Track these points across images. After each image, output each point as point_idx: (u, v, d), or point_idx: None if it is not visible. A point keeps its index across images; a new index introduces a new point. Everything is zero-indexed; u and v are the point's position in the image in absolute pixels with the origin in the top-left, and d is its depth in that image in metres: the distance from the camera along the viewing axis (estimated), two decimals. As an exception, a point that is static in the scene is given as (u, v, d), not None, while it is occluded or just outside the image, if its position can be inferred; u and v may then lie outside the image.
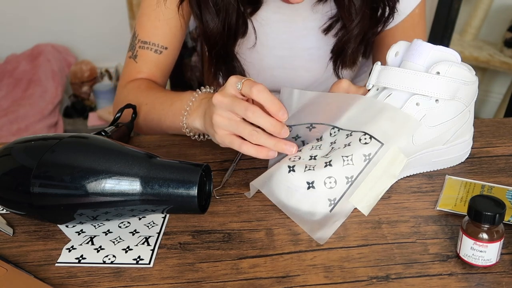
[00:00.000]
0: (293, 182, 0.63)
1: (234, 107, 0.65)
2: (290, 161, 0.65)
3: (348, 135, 0.65)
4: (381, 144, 0.63)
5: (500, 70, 2.10)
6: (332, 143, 0.66)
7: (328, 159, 0.64)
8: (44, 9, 2.56)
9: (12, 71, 2.50)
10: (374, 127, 0.65)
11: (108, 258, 0.60)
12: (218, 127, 0.68)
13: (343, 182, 0.62)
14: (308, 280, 0.56)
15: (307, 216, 0.62)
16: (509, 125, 0.83)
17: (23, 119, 2.27)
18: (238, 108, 0.65)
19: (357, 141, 0.64)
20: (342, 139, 0.66)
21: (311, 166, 0.63)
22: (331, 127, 0.68)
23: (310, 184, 0.62)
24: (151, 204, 0.59)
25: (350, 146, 0.64)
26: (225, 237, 0.62)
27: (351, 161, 0.63)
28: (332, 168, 0.63)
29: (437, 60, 0.65)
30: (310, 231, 0.61)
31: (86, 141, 0.62)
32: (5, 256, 0.60)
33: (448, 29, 1.68)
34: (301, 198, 0.63)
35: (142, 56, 0.91)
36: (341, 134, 0.67)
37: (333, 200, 0.62)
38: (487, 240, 0.54)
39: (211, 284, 0.56)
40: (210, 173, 0.63)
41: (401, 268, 0.57)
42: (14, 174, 0.60)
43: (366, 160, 0.63)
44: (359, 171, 0.63)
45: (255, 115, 0.64)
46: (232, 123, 0.66)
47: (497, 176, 0.71)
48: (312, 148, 0.67)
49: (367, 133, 0.64)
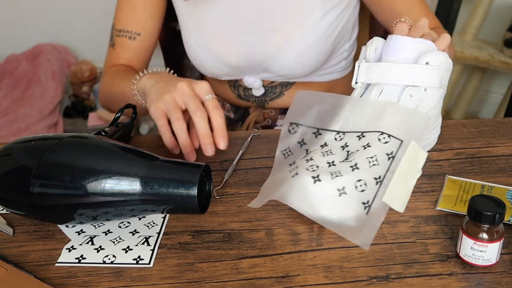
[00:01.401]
0: (322, 192, 0.60)
1: (189, 100, 0.71)
2: (310, 172, 0.62)
3: (360, 137, 0.64)
4: (401, 141, 0.63)
5: (500, 70, 2.10)
6: (344, 147, 0.65)
7: (353, 163, 0.62)
8: (44, 9, 2.56)
9: (12, 71, 2.50)
10: (388, 125, 0.64)
11: (108, 258, 0.60)
12: (162, 101, 0.73)
13: (372, 183, 0.61)
14: (308, 280, 0.56)
15: (343, 223, 0.60)
16: (509, 125, 0.83)
17: (23, 119, 2.27)
18: (192, 103, 0.71)
19: (377, 141, 0.63)
20: (355, 141, 0.65)
21: (337, 172, 0.61)
22: (335, 132, 0.67)
23: (341, 191, 0.60)
24: (151, 204, 0.59)
25: (371, 147, 0.63)
26: (225, 237, 0.62)
27: (376, 161, 0.62)
28: (360, 171, 0.61)
29: (419, 51, 0.66)
30: (352, 237, 0.58)
31: (86, 141, 0.62)
32: (5, 256, 0.60)
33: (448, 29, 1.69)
34: (332, 206, 0.60)
35: (119, 44, 0.98)
36: (349, 136, 0.65)
37: (367, 202, 0.60)
38: (487, 240, 0.54)
39: (211, 284, 0.56)
40: (210, 173, 0.63)
41: (401, 268, 0.57)
42: (14, 174, 0.60)
43: (390, 159, 0.62)
44: (385, 170, 0.61)
45: (200, 117, 0.71)
46: (173, 106, 0.72)
47: (497, 176, 0.71)
48: (324, 155, 0.65)
49: (384, 132, 0.64)
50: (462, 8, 1.73)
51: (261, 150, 0.79)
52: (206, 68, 1.00)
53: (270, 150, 0.79)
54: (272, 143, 0.81)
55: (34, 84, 2.42)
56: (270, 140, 0.81)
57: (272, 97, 1.03)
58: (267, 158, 0.77)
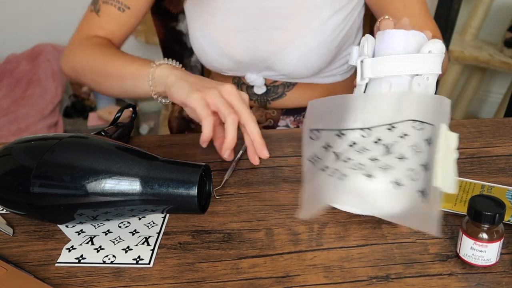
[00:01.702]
0: (378, 188, 0.61)
1: (236, 101, 0.71)
2: (358, 170, 0.62)
3: (391, 128, 0.64)
4: (433, 125, 0.64)
5: (500, 70, 2.10)
6: (377, 141, 0.64)
7: (397, 154, 0.62)
8: (44, 9, 2.56)
9: (12, 71, 2.50)
10: (416, 113, 0.65)
11: (108, 258, 0.60)
12: (208, 94, 0.71)
13: (421, 171, 0.62)
14: (308, 280, 0.56)
15: (406, 215, 0.60)
16: (509, 125, 0.83)
17: (23, 119, 2.27)
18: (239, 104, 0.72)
19: (412, 129, 0.64)
20: (387, 134, 0.64)
21: (386, 166, 0.61)
22: (359, 129, 0.67)
23: (396, 183, 0.60)
24: (151, 204, 0.59)
25: (410, 136, 0.63)
26: (225, 237, 0.62)
27: (419, 149, 0.63)
28: (408, 160, 0.62)
29: (415, 42, 0.67)
30: (420, 227, 0.59)
31: (86, 141, 0.62)
32: (5, 256, 0.60)
33: (448, 29, 1.68)
34: (391, 200, 0.60)
35: (105, 12, 0.93)
36: (378, 131, 0.65)
37: (422, 190, 0.61)
38: (487, 240, 0.54)
39: (211, 284, 0.56)
40: (210, 173, 0.63)
41: (401, 268, 0.57)
42: (14, 174, 0.60)
43: (429, 144, 0.63)
44: (428, 156, 0.63)
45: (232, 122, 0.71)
46: (223, 101, 0.71)
47: (497, 176, 0.71)
48: (360, 152, 0.64)
49: (416, 120, 0.64)
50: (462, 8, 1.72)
51: (261, 150, 0.79)
52: (210, 61, 1.00)
53: (270, 150, 0.79)
54: (272, 143, 0.81)
55: (34, 84, 2.42)
56: (270, 140, 0.81)
57: (274, 97, 1.03)
58: (267, 158, 0.77)
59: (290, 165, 0.75)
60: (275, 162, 0.76)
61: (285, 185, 0.71)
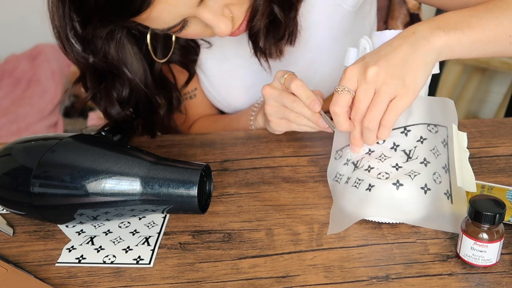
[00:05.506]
0: (409, 195, 0.61)
1: (282, 99, 0.73)
2: (384, 180, 0.62)
3: (406, 132, 0.65)
4: (446, 127, 0.65)
5: (500, 70, 2.09)
6: (395, 146, 0.65)
7: (421, 159, 0.63)
8: (44, 9, 2.56)
9: (12, 71, 2.50)
10: (429, 116, 0.66)
11: (108, 258, 0.60)
12: (270, 115, 0.76)
13: (443, 173, 0.63)
14: (308, 280, 0.56)
15: (437, 218, 0.62)
16: (509, 125, 0.83)
17: (23, 119, 2.27)
18: (286, 101, 0.73)
19: (429, 133, 0.65)
20: (403, 138, 0.65)
21: (412, 172, 0.62)
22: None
23: (425, 188, 0.62)
24: (151, 204, 0.59)
25: (428, 139, 0.64)
26: (225, 237, 0.62)
27: (438, 151, 0.64)
28: (432, 165, 0.63)
29: None
30: (451, 228, 0.61)
31: (86, 141, 0.62)
32: (5, 256, 0.60)
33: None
34: (422, 205, 0.62)
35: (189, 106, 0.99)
36: (392, 136, 0.65)
37: (447, 192, 0.63)
38: (487, 240, 0.54)
39: (211, 284, 0.56)
40: (210, 173, 0.63)
41: (401, 268, 0.57)
42: (14, 174, 0.60)
43: (445, 146, 0.65)
44: (446, 157, 0.64)
45: (298, 106, 0.72)
46: (280, 110, 0.75)
47: (497, 176, 0.71)
48: (381, 160, 0.65)
49: (430, 123, 0.65)
50: (462, 8, 1.72)
51: (261, 150, 0.79)
52: (211, 101, 1.00)
53: (270, 150, 0.79)
54: (272, 143, 0.81)
55: (34, 84, 2.42)
56: (270, 140, 0.81)
57: None
58: (267, 158, 0.77)
59: (290, 165, 0.75)
60: (275, 162, 0.76)
61: (285, 185, 0.71)
